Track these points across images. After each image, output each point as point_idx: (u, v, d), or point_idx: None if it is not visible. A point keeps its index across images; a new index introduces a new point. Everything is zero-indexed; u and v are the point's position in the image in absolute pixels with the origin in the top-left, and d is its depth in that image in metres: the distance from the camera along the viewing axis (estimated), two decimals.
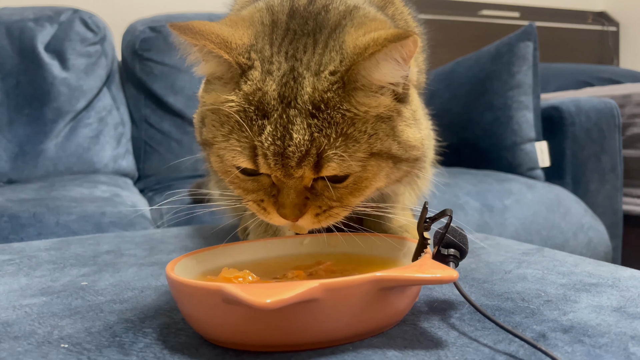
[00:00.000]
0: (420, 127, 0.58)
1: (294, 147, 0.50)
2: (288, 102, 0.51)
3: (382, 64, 0.51)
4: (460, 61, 2.04)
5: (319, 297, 0.41)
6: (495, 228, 1.47)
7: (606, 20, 3.72)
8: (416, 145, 0.57)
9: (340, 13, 0.58)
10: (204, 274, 0.55)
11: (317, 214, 0.55)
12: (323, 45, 0.54)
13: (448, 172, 1.04)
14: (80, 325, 0.52)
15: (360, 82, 0.52)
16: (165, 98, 1.97)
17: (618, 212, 1.84)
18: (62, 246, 0.89)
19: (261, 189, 0.56)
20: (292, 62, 0.53)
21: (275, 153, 0.51)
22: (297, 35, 0.56)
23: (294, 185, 0.53)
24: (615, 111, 1.82)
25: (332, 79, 0.52)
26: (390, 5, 0.73)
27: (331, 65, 0.52)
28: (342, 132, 0.51)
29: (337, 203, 0.55)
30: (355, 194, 0.55)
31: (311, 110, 0.51)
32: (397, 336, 0.47)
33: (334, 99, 0.51)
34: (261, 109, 0.52)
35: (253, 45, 0.55)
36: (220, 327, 0.44)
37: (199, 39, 0.53)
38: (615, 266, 0.68)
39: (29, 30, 1.84)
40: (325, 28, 0.56)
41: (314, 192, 0.54)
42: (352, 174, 0.53)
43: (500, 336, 0.46)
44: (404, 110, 0.56)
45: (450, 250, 0.52)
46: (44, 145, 1.78)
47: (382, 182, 0.56)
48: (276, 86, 0.52)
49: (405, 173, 0.59)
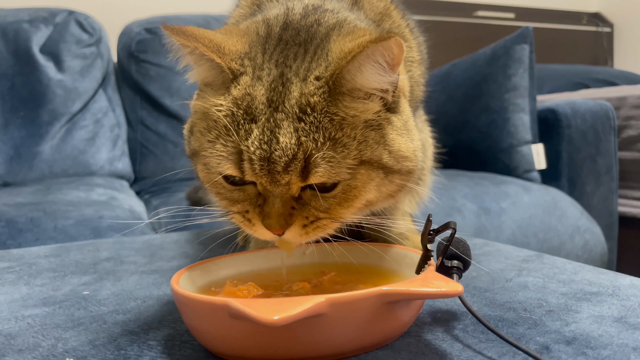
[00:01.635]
0: (412, 137, 0.57)
1: (281, 152, 0.50)
2: (276, 106, 0.51)
3: (364, 67, 0.51)
4: (456, 63, 2.05)
5: (326, 311, 0.41)
6: (492, 231, 1.48)
7: (600, 21, 3.74)
8: (408, 156, 0.56)
9: (330, 26, 0.58)
10: (208, 285, 0.55)
11: (305, 225, 0.53)
12: (312, 54, 0.55)
13: (444, 174, 1.05)
14: (85, 337, 0.52)
15: (345, 86, 0.52)
16: (161, 100, 1.96)
17: (613, 214, 1.86)
18: (61, 253, 0.89)
19: (246, 200, 0.54)
20: (281, 69, 0.54)
21: (261, 158, 0.50)
22: (289, 45, 0.56)
23: (280, 193, 0.51)
24: (610, 113, 1.83)
25: (318, 83, 0.52)
26: (387, 18, 0.72)
27: (317, 71, 0.53)
28: (330, 137, 0.51)
29: (325, 214, 0.53)
30: (344, 205, 0.53)
31: (298, 114, 0.51)
32: (402, 349, 0.47)
33: (321, 102, 0.51)
34: (249, 113, 0.52)
35: (247, 53, 0.55)
36: (227, 341, 0.44)
37: (192, 41, 0.53)
38: (615, 274, 0.68)
39: (24, 31, 1.83)
40: (315, 39, 0.56)
41: (301, 202, 0.53)
42: (341, 182, 0.52)
43: (504, 348, 0.46)
44: (394, 120, 0.55)
45: (454, 262, 0.52)
46: (39, 148, 1.77)
47: (372, 194, 0.55)
48: (265, 91, 0.52)
49: (398, 187, 0.57)
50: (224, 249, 0.64)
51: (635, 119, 1.94)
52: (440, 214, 1.30)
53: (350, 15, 0.63)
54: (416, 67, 0.74)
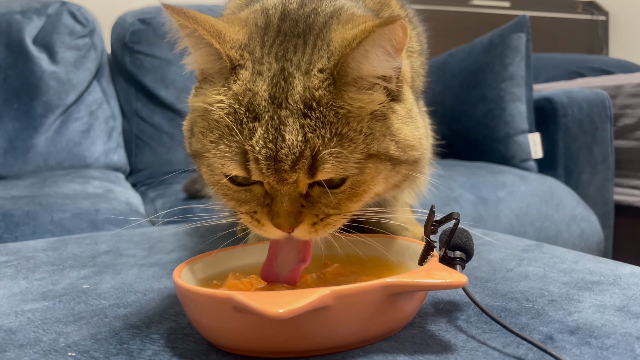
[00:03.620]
0: (417, 125, 0.57)
1: (287, 150, 0.48)
2: (279, 102, 0.50)
3: (371, 53, 0.50)
4: (453, 53, 2.04)
5: (330, 304, 0.41)
6: (489, 221, 1.48)
7: (596, 9, 3.73)
8: (414, 145, 0.55)
9: (327, 14, 0.57)
10: (210, 278, 0.55)
11: (314, 223, 0.52)
12: (312, 45, 0.53)
13: (441, 164, 1.04)
14: (86, 331, 0.51)
15: (350, 75, 0.51)
16: (156, 91, 1.95)
17: (609, 202, 1.86)
18: (59, 246, 0.88)
19: (254, 200, 0.53)
20: (282, 63, 0.52)
21: (267, 157, 0.49)
22: (288, 37, 0.55)
23: (289, 192, 0.50)
24: (607, 102, 1.83)
25: (322, 76, 0.50)
26: (387, 8, 0.71)
27: (319, 63, 0.51)
28: (337, 132, 0.49)
29: (334, 210, 0.52)
30: (354, 200, 0.53)
31: (303, 110, 0.49)
32: (406, 340, 0.47)
33: (326, 96, 0.50)
34: (252, 111, 0.50)
35: (246, 45, 0.54)
36: (230, 334, 0.44)
37: (192, 22, 0.51)
38: (615, 262, 0.68)
39: (16, 23, 1.81)
40: (314, 29, 0.55)
41: (310, 200, 0.52)
42: (350, 177, 0.51)
43: (508, 339, 0.46)
44: (398, 109, 0.55)
45: (457, 253, 0.52)
46: (34, 140, 1.76)
47: (380, 187, 0.54)
48: (267, 87, 0.51)
49: (404, 177, 0.56)
50: (223, 241, 0.63)
51: (631, 108, 1.94)
52: (438, 204, 1.29)
53: (347, 2, 0.62)
54: (416, 58, 0.73)
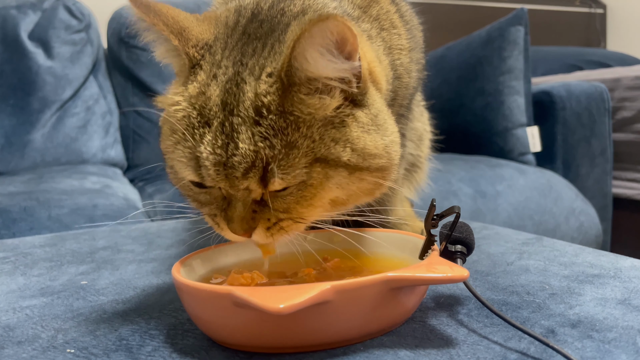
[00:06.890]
0: (384, 132, 0.53)
1: (240, 157, 0.47)
2: (231, 109, 0.48)
3: (309, 53, 0.46)
4: (451, 46, 2.03)
5: (331, 299, 0.41)
6: (488, 214, 1.48)
7: (593, 2, 3.72)
8: (377, 154, 0.51)
9: (294, 14, 0.54)
10: (211, 273, 0.54)
11: (268, 228, 0.51)
12: (269, 48, 0.51)
13: (440, 158, 1.04)
14: (85, 328, 0.51)
15: (297, 76, 0.48)
16: (153, 86, 1.94)
17: (608, 195, 1.86)
18: (57, 242, 0.88)
19: (213, 202, 0.52)
20: (237, 68, 0.50)
21: (215, 163, 0.48)
22: (250, 39, 0.52)
23: (242, 197, 0.49)
24: (605, 95, 1.83)
25: (270, 80, 0.48)
26: (375, 4, 0.67)
27: (269, 67, 0.49)
28: (287, 141, 0.48)
29: (285, 215, 0.50)
30: (303, 204, 0.50)
31: (254, 117, 0.48)
32: (407, 334, 0.46)
33: (275, 101, 0.48)
34: (203, 116, 0.49)
35: (210, 45, 0.52)
36: (231, 329, 0.44)
37: (152, 16, 0.50)
38: (615, 256, 0.68)
39: (12, 18, 1.79)
40: (276, 31, 0.52)
41: (262, 204, 0.50)
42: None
43: (510, 333, 0.46)
44: (360, 115, 0.51)
45: (457, 247, 0.52)
46: (30, 136, 1.75)
47: (334, 193, 0.51)
48: (219, 92, 0.49)
49: (373, 185, 0.52)
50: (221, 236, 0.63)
51: (629, 101, 1.94)
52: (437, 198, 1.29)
53: (324, 0, 0.59)
54: (405, 55, 0.69)
